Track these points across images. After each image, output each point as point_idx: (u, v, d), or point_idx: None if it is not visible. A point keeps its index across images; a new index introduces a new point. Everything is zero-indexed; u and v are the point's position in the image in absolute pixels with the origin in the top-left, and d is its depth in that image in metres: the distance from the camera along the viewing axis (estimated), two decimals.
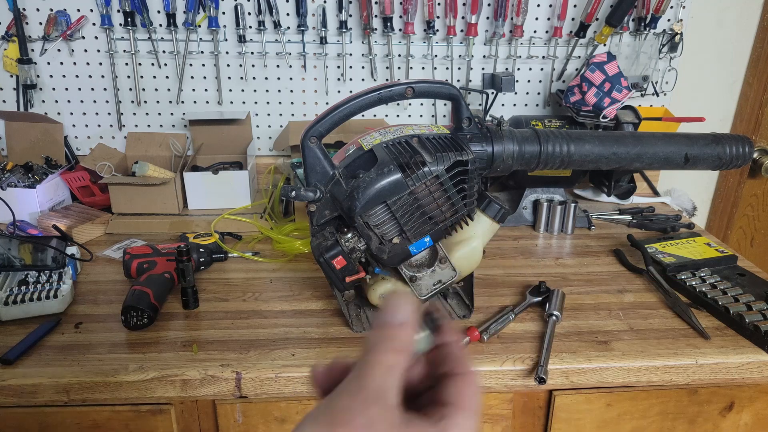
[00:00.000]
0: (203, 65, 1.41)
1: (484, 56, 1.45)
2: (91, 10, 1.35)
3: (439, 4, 1.38)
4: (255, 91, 1.45)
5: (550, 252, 1.20)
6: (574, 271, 1.11)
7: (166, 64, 1.41)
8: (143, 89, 1.42)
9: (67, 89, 1.41)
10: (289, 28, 1.38)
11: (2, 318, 0.90)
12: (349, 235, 0.82)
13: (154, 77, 1.42)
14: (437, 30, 1.40)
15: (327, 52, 1.41)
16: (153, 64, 1.40)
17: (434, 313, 0.37)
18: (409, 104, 1.49)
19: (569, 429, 0.92)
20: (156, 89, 1.43)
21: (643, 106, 1.43)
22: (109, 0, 1.32)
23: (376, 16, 1.38)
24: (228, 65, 1.42)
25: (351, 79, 1.45)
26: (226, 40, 1.39)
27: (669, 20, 1.43)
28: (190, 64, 1.41)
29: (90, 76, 1.41)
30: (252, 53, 1.40)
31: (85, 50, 1.38)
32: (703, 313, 0.96)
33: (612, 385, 0.87)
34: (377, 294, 0.87)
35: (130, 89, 1.43)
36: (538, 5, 1.41)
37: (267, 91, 1.45)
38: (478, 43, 1.43)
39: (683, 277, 1.04)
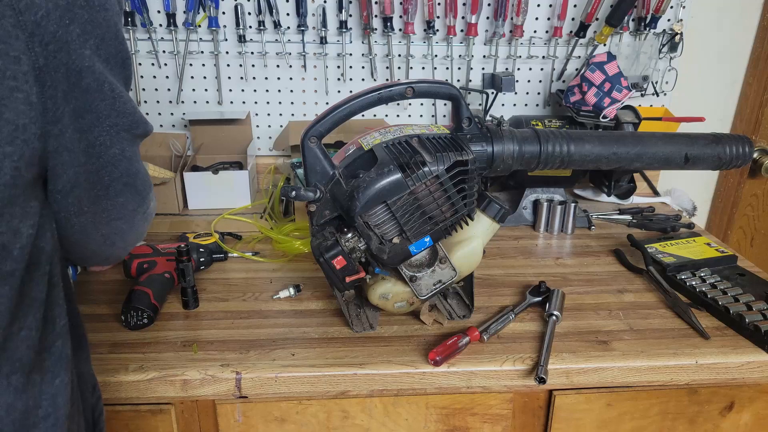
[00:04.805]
0: (203, 65, 1.41)
1: (484, 56, 1.45)
2: None
3: (439, 4, 1.38)
4: (255, 91, 1.45)
5: (550, 252, 1.20)
6: (574, 271, 1.11)
7: (166, 64, 1.41)
8: (143, 89, 1.42)
9: None
10: (289, 28, 1.38)
11: None
12: (349, 235, 0.82)
13: (154, 77, 1.42)
14: (437, 30, 1.40)
15: (327, 52, 1.40)
16: (153, 64, 1.40)
17: None
18: (409, 104, 1.49)
19: (569, 429, 0.92)
20: (156, 89, 1.43)
21: (643, 106, 1.43)
22: None
23: (376, 16, 1.38)
24: (228, 65, 1.42)
25: (351, 79, 1.45)
26: (226, 40, 1.39)
27: (669, 20, 1.43)
28: (190, 64, 1.41)
29: None
30: (252, 53, 1.40)
31: None
32: (703, 313, 0.96)
33: (612, 385, 0.87)
34: (377, 294, 0.87)
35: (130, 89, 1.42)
36: (538, 5, 1.41)
37: (267, 91, 1.45)
38: (478, 43, 1.43)
39: (683, 277, 1.04)
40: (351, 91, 1.45)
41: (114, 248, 0.66)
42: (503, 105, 1.50)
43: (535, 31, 1.43)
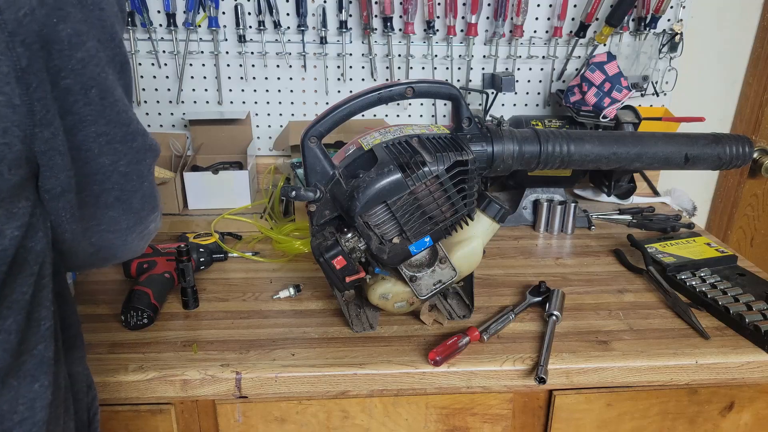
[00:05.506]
0: (203, 65, 1.41)
1: (484, 56, 1.45)
2: None
3: (439, 4, 1.38)
4: (255, 91, 1.45)
5: (550, 252, 1.20)
6: (574, 271, 1.11)
7: (166, 64, 1.41)
8: (143, 89, 1.43)
9: None
10: (289, 28, 1.38)
11: None
12: (349, 235, 0.82)
13: (154, 77, 1.42)
14: (437, 30, 1.40)
15: (327, 52, 1.40)
16: (153, 64, 1.40)
17: None
18: (409, 104, 1.49)
19: (569, 429, 0.92)
20: (156, 89, 1.43)
21: (643, 106, 1.43)
22: None
23: (376, 16, 1.38)
24: (228, 65, 1.42)
25: (351, 79, 1.45)
26: (226, 40, 1.39)
27: (669, 20, 1.43)
28: (190, 64, 1.41)
29: None
30: (252, 53, 1.40)
31: None
32: (703, 313, 0.96)
33: (612, 385, 0.87)
34: (377, 294, 0.87)
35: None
36: (538, 5, 1.41)
37: (267, 91, 1.45)
38: (478, 43, 1.43)
39: (683, 277, 1.04)
40: (351, 91, 1.45)
41: (106, 263, 0.64)
42: (503, 105, 1.50)
43: (535, 31, 1.43)
